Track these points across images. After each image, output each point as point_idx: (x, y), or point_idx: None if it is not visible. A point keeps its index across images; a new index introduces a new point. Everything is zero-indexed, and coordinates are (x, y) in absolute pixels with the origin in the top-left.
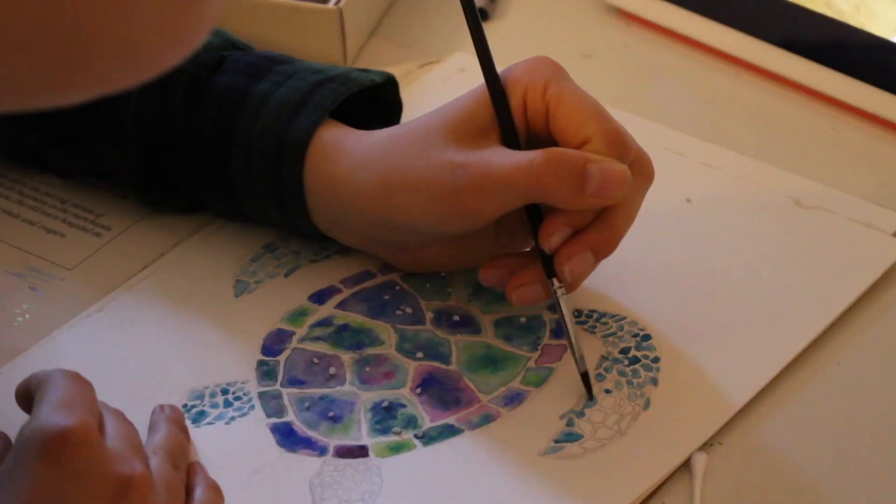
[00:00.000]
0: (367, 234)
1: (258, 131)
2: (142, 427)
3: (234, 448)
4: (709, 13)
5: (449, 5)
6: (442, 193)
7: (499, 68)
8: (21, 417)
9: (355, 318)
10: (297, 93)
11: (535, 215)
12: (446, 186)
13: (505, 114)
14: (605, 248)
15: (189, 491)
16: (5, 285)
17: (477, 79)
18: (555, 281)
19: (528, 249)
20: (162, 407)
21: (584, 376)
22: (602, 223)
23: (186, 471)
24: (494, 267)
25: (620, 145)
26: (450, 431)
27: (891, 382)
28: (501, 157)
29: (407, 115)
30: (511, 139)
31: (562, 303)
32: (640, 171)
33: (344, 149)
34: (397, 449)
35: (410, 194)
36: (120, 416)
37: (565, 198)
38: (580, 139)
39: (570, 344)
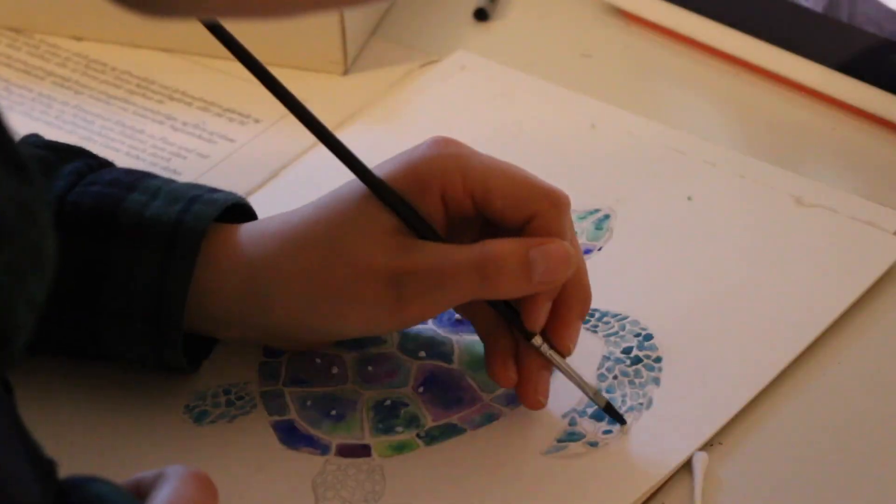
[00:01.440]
0: (273, 329)
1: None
2: (141, 427)
3: (236, 446)
4: (709, 13)
5: (449, 5)
6: (385, 305)
7: (498, 70)
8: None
9: None
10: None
11: (502, 302)
12: (390, 299)
13: (422, 224)
14: (585, 306)
15: None
16: None
17: (478, 77)
18: (537, 339)
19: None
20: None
21: (608, 408)
22: (571, 288)
23: None
24: (506, 364)
25: (563, 204)
26: (452, 431)
27: (891, 382)
28: (444, 257)
29: (409, 115)
30: (434, 237)
31: (555, 358)
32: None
33: (263, 234)
34: (400, 449)
35: (344, 307)
36: None
37: (514, 291)
38: (524, 218)
39: (582, 388)
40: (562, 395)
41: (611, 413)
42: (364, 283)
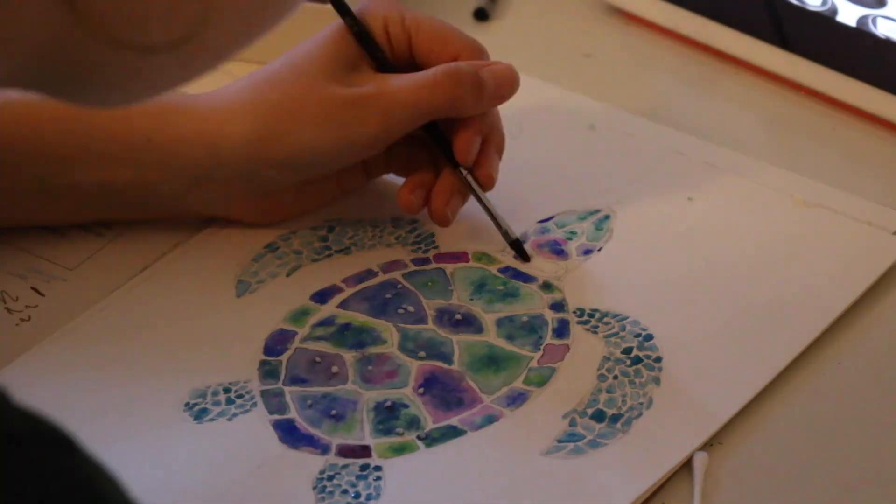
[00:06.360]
0: (237, 179)
1: None
2: (142, 427)
3: (236, 444)
4: (709, 13)
5: (449, 5)
6: (349, 126)
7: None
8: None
9: (357, 318)
10: None
11: (437, 132)
12: (354, 120)
13: (374, 46)
14: (502, 147)
15: None
16: (8, 286)
17: None
18: (462, 170)
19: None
20: None
21: (516, 243)
22: (494, 129)
23: None
24: (413, 190)
25: (484, 55)
26: (453, 433)
27: (891, 382)
28: (399, 83)
29: None
30: (389, 67)
31: (477, 186)
32: None
33: (196, 106)
34: (400, 450)
35: (311, 131)
36: None
37: (470, 104)
38: (449, 56)
39: (495, 218)
40: (561, 397)
41: (517, 249)
42: (325, 107)
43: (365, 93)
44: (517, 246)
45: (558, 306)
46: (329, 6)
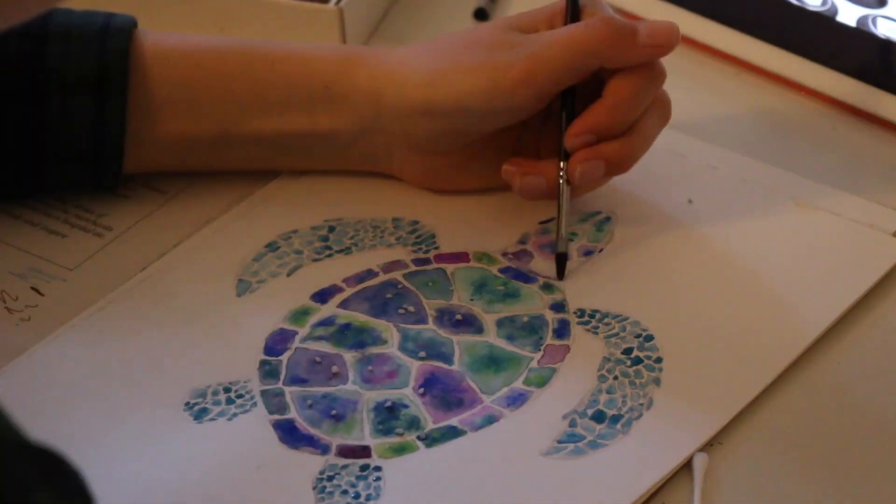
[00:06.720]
0: (397, 130)
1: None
2: (142, 426)
3: (236, 444)
4: (709, 13)
5: (449, 5)
6: (497, 71)
7: None
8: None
9: (357, 318)
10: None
11: (569, 101)
12: (502, 63)
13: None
14: (618, 164)
15: None
16: (8, 286)
17: None
18: (561, 164)
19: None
20: None
21: (561, 256)
22: (621, 139)
23: None
24: (513, 163)
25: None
26: (453, 433)
27: (891, 382)
28: (554, 30)
29: None
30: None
31: (563, 185)
32: (663, 108)
33: (371, 56)
34: (400, 451)
35: (463, 74)
36: None
37: (623, 49)
38: None
39: (560, 224)
40: (562, 397)
41: (558, 264)
42: (483, 48)
43: (519, 39)
44: (559, 260)
45: (559, 307)
46: (327, 6)
